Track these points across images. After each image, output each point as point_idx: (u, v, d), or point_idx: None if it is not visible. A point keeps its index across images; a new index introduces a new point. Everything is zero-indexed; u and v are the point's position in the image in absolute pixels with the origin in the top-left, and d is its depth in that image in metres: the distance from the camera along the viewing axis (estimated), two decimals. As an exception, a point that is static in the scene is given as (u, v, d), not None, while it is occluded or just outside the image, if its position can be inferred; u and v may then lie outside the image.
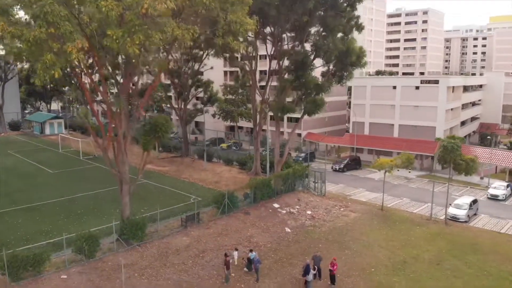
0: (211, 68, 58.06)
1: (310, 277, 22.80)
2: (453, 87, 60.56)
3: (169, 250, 26.90)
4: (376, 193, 44.59)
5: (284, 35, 39.15)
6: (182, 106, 55.19)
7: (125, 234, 26.54)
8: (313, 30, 37.88)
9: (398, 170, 56.41)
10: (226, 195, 33.12)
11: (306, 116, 71.79)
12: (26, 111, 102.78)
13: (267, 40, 40.09)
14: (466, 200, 38.16)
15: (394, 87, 60.67)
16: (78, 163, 52.25)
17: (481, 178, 52.86)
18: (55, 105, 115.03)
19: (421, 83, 58.69)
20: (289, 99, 40.83)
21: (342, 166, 56.61)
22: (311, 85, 35.58)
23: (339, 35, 36.25)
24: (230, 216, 32.97)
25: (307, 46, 36.60)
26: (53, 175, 46.26)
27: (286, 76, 37.85)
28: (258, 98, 48.07)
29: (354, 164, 58.10)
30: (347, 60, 34.53)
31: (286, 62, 38.32)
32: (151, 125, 26.85)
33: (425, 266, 26.21)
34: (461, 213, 36.11)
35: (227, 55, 35.62)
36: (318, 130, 71.95)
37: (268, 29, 39.27)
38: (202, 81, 54.74)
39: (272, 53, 40.48)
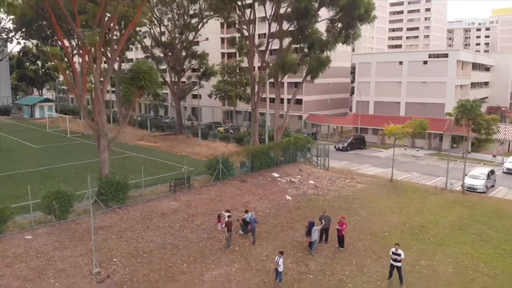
0: (207, 39, 54.73)
1: (314, 236, 19.57)
2: (462, 63, 57.28)
3: (154, 214, 23.67)
4: (383, 168, 41.44)
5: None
6: (176, 87, 51.79)
7: (104, 194, 23.29)
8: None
9: (405, 149, 53.52)
10: (221, 160, 29.90)
11: (307, 98, 69.75)
12: (18, 96, 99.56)
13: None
14: (483, 170, 35.02)
15: (401, 63, 57.42)
16: (65, 140, 49.01)
17: (494, 156, 49.86)
18: (50, 95, 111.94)
19: (429, 57, 55.41)
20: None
21: (345, 145, 53.37)
22: (315, 39, 32.24)
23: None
24: (225, 183, 29.75)
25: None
26: (36, 149, 43.03)
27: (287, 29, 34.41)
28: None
29: (359, 143, 54.85)
30: (354, 12, 31.22)
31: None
32: (133, 72, 23.57)
33: (446, 231, 23.00)
34: (479, 183, 32.93)
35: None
36: (320, 113, 68.70)
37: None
38: (197, 53, 51.31)
39: (271, 14, 37.16)
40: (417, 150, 52.69)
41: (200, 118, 70.56)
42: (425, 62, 55.60)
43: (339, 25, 34.06)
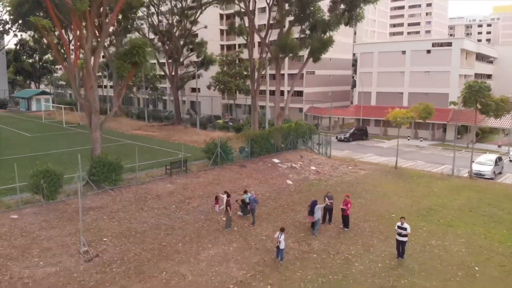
0: (205, 27, 53.53)
1: (317, 215, 18.43)
2: (466, 52, 56.14)
3: (149, 196, 22.54)
4: (386, 157, 40.39)
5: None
6: (174, 75, 50.57)
7: (95, 175, 22.14)
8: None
9: (408, 139, 52.37)
10: (219, 144, 28.77)
11: (307, 90, 68.46)
12: (16, 91, 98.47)
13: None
14: (491, 157, 33.95)
15: (403, 52, 56.27)
16: (60, 130, 47.93)
17: (499, 146, 48.77)
18: (48, 90, 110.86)
19: (432, 46, 54.27)
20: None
21: (347, 135, 52.32)
22: (317, 19, 31.07)
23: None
24: (223, 168, 28.60)
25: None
26: (31, 137, 41.92)
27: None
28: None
29: (361, 134, 53.76)
30: (358, -9, 30.10)
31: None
32: (127, 48, 22.45)
33: (456, 213, 21.86)
34: (487, 169, 31.84)
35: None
36: (321, 106, 67.40)
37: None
38: (195, 42, 50.11)
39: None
40: (421, 141, 51.61)
41: (199, 112, 69.37)
42: (428, 51, 54.46)
43: (342, 6, 32.87)
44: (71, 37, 49.69)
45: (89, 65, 21.30)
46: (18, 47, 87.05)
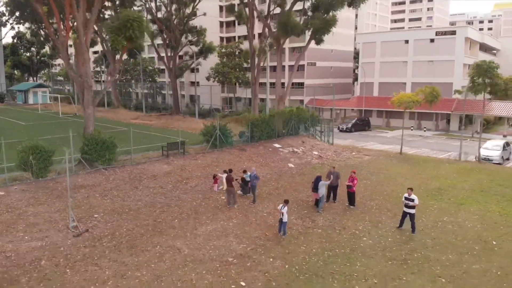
0: (204, 14, 52.47)
1: (321, 192, 17.36)
2: (470, 42, 55.10)
3: (144, 175, 21.48)
4: (390, 145, 39.38)
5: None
6: (172, 64, 49.45)
7: (88, 153, 21.09)
8: None
9: (412, 130, 51.35)
10: (218, 126, 27.72)
11: (308, 82, 67.36)
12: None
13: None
14: (498, 142, 32.94)
15: (407, 42, 55.19)
16: (56, 119, 46.82)
17: (504, 136, 47.75)
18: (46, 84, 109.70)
19: (436, 35, 53.19)
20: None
21: (349, 125, 51.34)
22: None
23: None
24: (222, 151, 27.54)
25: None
26: (26, 125, 40.84)
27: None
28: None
29: (363, 124, 52.78)
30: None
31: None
32: (121, 21, 21.38)
33: (467, 193, 20.82)
34: (495, 154, 30.86)
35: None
36: (322, 98, 66.33)
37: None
38: (195, 29, 49.01)
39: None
40: (424, 131, 50.59)
41: (198, 103, 68.38)
42: (432, 40, 53.40)
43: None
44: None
45: (81, 38, 20.24)
46: (15, 41, 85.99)
